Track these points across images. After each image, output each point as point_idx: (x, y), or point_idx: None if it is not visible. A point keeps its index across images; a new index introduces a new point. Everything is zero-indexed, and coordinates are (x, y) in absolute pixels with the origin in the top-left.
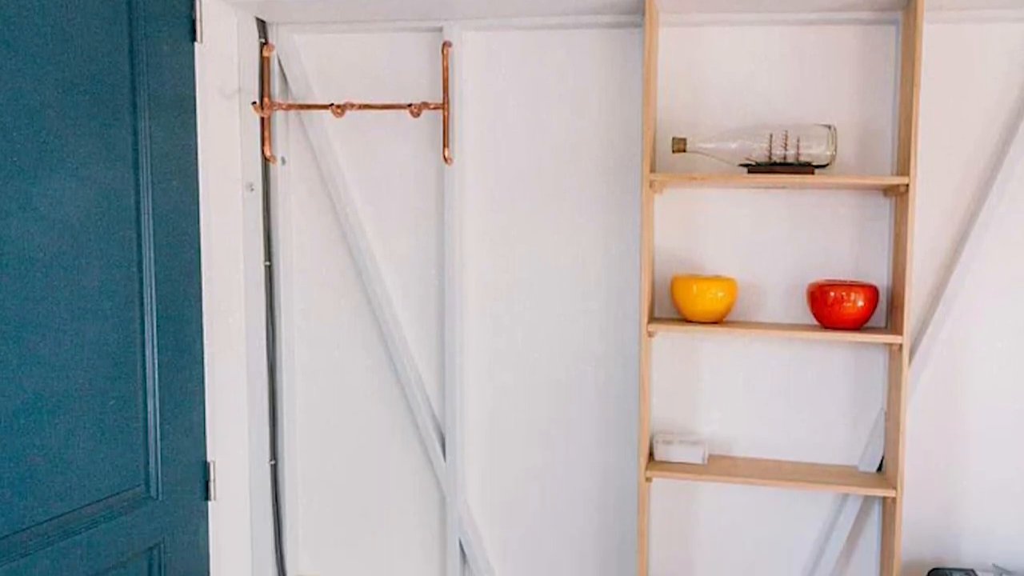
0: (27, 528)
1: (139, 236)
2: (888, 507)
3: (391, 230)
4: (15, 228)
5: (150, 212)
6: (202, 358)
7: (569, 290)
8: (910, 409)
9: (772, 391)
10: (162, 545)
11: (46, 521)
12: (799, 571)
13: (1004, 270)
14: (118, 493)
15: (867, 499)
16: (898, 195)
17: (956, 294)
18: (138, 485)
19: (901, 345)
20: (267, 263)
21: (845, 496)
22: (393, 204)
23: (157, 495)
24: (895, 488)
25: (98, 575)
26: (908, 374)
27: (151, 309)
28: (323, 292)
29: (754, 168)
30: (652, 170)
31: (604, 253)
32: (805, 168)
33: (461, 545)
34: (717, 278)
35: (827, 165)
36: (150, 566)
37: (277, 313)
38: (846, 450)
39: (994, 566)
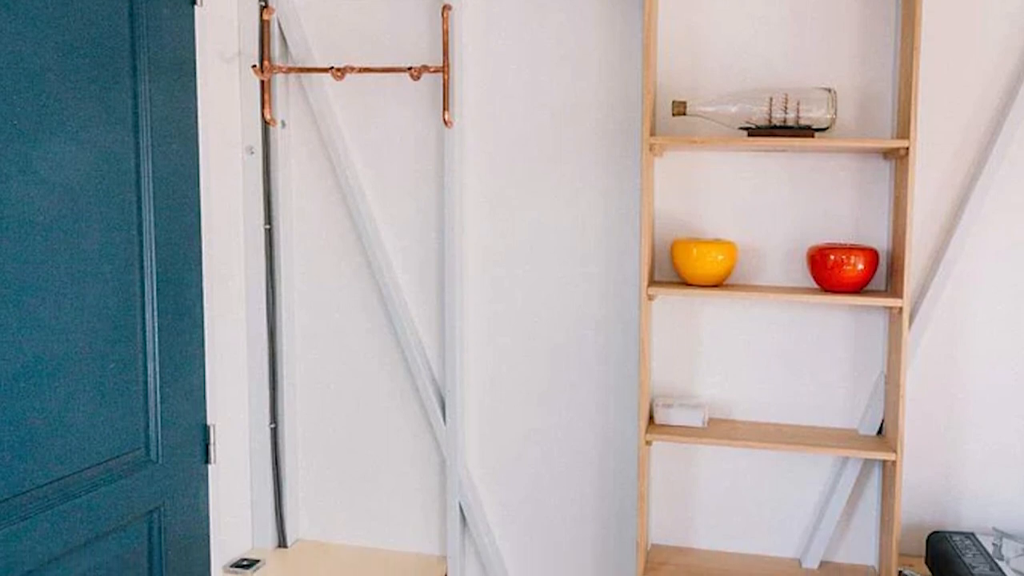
0: (27, 491)
1: (139, 199)
2: (888, 470)
3: (391, 193)
4: (15, 191)
5: (150, 175)
6: (202, 321)
7: (569, 253)
8: (910, 372)
9: (772, 354)
10: (162, 508)
11: (46, 484)
12: (799, 534)
13: (1004, 234)
14: (118, 456)
15: (867, 462)
16: (898, 158)
17: (956, 257)
18: (138, 448)
19: (901, 308)
20: (267, 226)
21: (845, 459)
22: (393, 167)
23: (157, 458)
24: (895, 451)
25: (98, 538)
26: (908, 337)
27: (151, 272)
28: (323, 255)
29: (754, 131)
30: (652, 133)
31: (604, 216)
32: (805, 131)
33: (461, 508)
34: (717, 241)
35: (827, 128)
36: (150, 529)
37: (277, 276)
38: (846, 413)
39: (994, 529)
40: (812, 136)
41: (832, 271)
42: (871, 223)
